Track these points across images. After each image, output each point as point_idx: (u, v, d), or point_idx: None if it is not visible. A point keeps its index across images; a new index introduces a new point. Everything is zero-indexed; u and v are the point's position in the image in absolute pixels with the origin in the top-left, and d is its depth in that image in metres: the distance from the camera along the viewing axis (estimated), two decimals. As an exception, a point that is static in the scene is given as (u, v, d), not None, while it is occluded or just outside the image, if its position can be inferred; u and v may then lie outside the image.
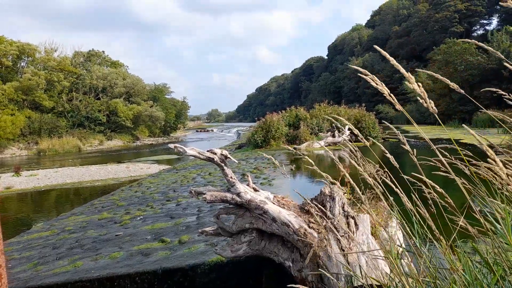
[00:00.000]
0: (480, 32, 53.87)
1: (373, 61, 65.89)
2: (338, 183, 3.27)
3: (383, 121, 1.64)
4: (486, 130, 23.04)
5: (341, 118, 1.81)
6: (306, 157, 1.92)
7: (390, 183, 1.69)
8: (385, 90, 1.25)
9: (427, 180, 1.54)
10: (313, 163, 1.88)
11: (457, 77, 32.85)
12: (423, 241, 1.68)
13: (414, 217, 1.65)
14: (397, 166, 1.57)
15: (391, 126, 1.57)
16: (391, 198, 1.95)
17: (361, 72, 1.31)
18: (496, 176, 1.59)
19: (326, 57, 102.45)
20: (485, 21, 54.89)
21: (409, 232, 1.59)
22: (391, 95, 1.27)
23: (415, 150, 1.48)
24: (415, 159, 1.46)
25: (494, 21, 53.59)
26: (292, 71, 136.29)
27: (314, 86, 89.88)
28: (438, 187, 1.59)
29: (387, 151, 1.58)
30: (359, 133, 1.60)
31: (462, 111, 32.30)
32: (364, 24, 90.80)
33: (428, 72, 1.29)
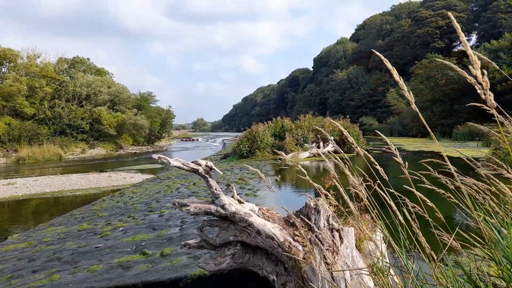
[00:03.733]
0: (460, 47, 55.61)
1: (358, 73, 67.11)
2: (323, 197, 3.26)
3: (377, 132, 1.65)
4: (465, 143, 23.64)
5: (323, 131, 1.82)
6: (299, 166, 1.91)
7: (383, 193, 1.69)
8: (395, 74, 1.21)
9: (418, 193, 1.54)
10: (305, 173, 1.87)
11: (438, 91, 33.73)
12: (409, 256, 1.68)
13: (401, 232, 1.65)
14: (387, 178, 1.57)
15: (385, 138, 1.58)
16: (375, 211, 1.94)
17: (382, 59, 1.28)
18: (480, 191, 1.60)
19: (311, 69, 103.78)
20: (465, 38, 56.78)
21: (395, 247, 1.58)
22: (400, 78, 1.24)
23: (406, 163, 1.49)
24: (406, 172, 1.47)
25: (473, 37, 55.55)
26: (278, 82, 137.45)
27: (300, 97, 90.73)
28: (429, 201, 1.60)
29: (376, 163, 1.59)
30: (340, 150, 1.60)
31: (443, 124, 33.09)
32: (348, 38, 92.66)
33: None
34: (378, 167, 1.51)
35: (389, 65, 1.18)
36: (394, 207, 1.59)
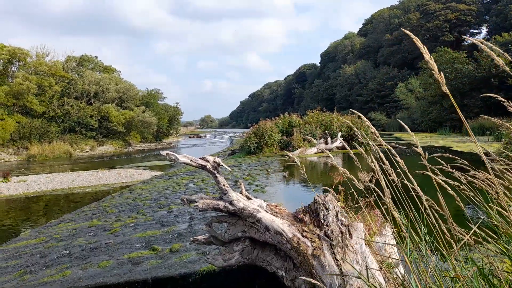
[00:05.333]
0: (470, 41, 54.69)
1: (365, 68, 66.54)
2: (332, 192, 3.24)
3: (404, 125, 1.66)
4: (476, 138, 23.35)
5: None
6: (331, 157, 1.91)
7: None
8: (428, 57, 1.18)
9: (438, 180, 1.52)
10: (332, 158, 1.86)
11: (448, 85, 33.18)
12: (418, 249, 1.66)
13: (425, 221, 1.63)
14: (406, 170, 1.56)
15: (410, 132, 1.57)
16: (384, 206, 1.92)
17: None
18: (492, 185, 1.58)
19: (319, 64, 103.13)
20: (475, 31, 55.90)
21: (417, 240, 1.57)
22: (431, 58, 1.21)
23: (427, 153, 1.48)
24: (426, 162, 1.46)
25: (484, 31, 54.64)
26: (285, 78, 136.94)
27: (307, 93, 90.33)
28: (450, 189, 1.58)
29: (397, 155, 1.59)
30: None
31: (453, 119, 32.66)
32: (356, 32, 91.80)
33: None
34: (398, 158, 1.51)
35: (419, 43, 1.14)
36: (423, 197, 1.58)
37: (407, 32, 1.17)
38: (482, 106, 30.77)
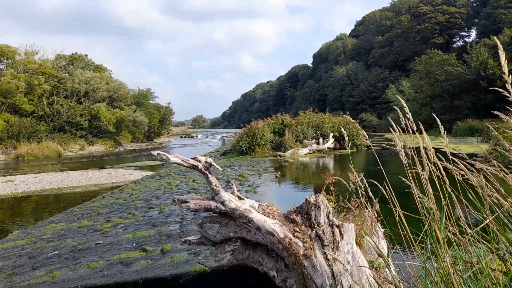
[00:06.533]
0: (460, 43, 55.52)
1: (357, 69, 66.99)
2: (323, 193, 3.25)
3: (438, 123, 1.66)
4: (465, 139, 23.67)
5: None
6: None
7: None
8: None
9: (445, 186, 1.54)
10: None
11: (438, 87, 33.68)
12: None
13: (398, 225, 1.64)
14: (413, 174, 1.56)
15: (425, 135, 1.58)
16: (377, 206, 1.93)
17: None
18: (487, 184, 1.60)
19: (311, 65, 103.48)
20: (464, 33, 56.73)
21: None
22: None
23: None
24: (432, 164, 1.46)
25: (473, 33, 55.42)
26: (277, 79, 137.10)
27: (299, 93, 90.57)
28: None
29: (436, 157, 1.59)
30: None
31: (443, 120, 33.02)
32: (348, 34, 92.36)
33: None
34: (421, 151, 1.51)
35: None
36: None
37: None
38: (471, 107, 31.20)
